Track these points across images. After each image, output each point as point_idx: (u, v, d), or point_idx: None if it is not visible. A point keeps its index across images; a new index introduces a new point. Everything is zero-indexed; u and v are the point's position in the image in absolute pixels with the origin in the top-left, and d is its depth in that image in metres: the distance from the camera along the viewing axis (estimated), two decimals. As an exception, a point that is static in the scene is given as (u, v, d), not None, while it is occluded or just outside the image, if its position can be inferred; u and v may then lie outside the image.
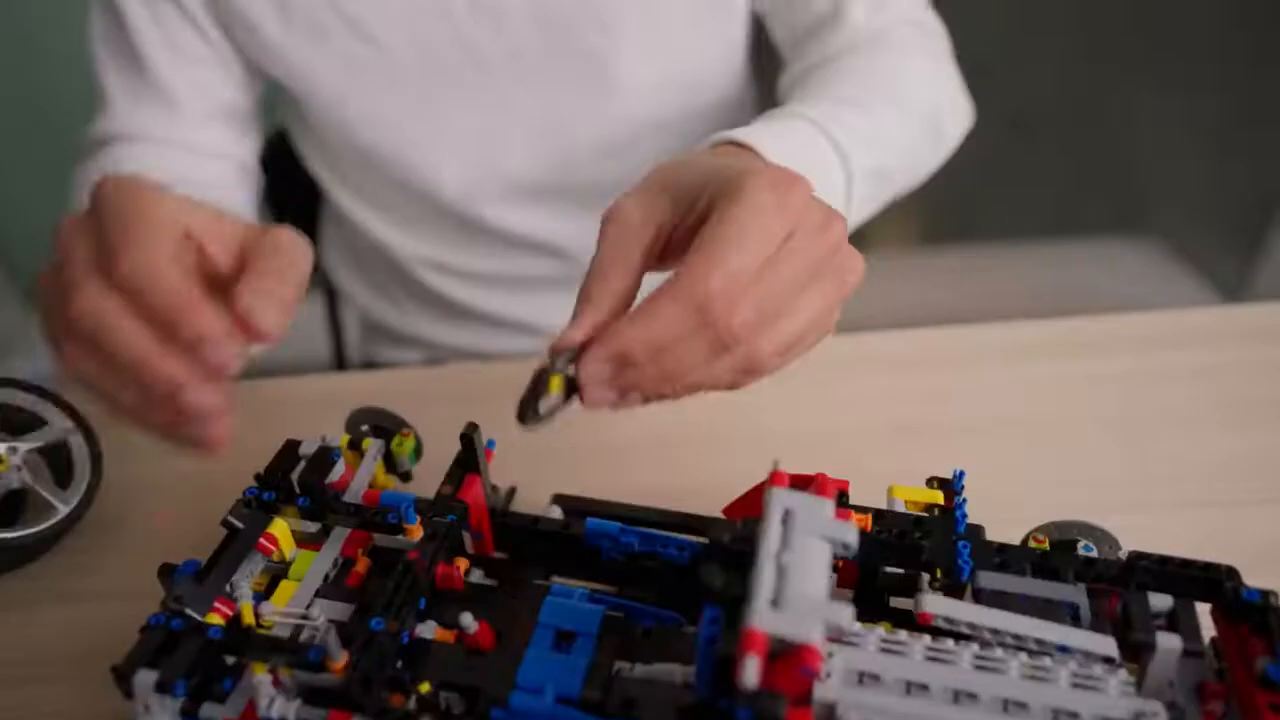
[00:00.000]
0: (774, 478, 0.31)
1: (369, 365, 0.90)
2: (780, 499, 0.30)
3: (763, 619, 0.27)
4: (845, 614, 0.27)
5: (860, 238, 0.37)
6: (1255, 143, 1.62)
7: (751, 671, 0.26)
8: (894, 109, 0.55)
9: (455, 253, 0.75)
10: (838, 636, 0.32)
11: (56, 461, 0.46)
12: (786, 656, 0.27)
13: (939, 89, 0.61)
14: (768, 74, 0.70)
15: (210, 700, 0.33)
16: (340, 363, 1.01)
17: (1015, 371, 0.59)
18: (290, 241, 0.33)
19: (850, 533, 0.30)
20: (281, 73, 0.65)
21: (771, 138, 0.44)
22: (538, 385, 0.32)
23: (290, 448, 0.41)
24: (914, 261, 1.88)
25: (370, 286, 0.84)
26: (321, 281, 0.92)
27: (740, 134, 0.44)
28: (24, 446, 0.45)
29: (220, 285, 0.32)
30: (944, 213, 1.88)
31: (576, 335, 0.32)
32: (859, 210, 0.52)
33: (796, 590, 0.28)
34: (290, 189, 0.82)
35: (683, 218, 0.34)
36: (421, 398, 0.51)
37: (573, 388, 0.32)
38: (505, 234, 0.72)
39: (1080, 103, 1.71)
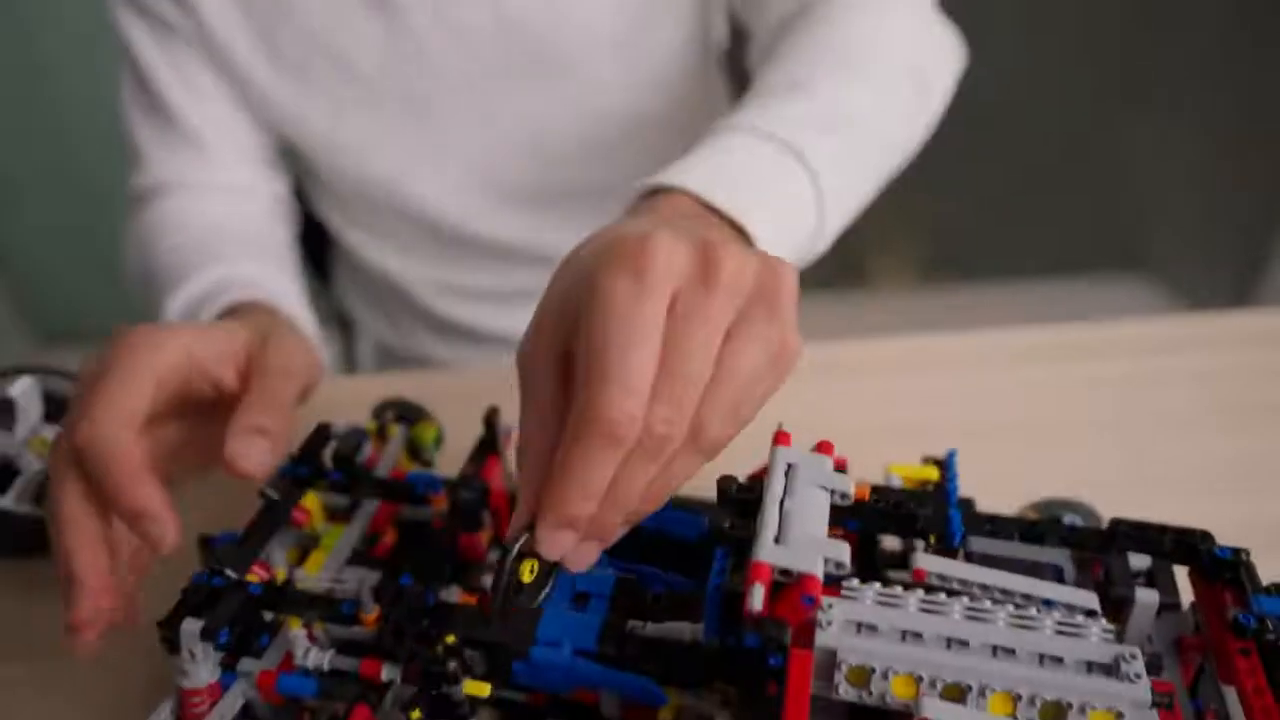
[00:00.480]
0: (778, 437, 0.34)
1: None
2: (784, 455, 0.33)
3: (768, 553, 0.29)
4: (844, 551, 0.30)
5: (860, 276, 0.39)
6: (1253, 178, 1.66)
7: (758, 597, 0.28)
8: (854, 78, 0.51)
9: (458, 272, 0.77)
10: (837, 591, 0.34)
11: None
12: (789, 589, 0.29)
13: (913, 44, 0.56)
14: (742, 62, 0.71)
15: (248, 655, 0.36)
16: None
17: (1013, 376, 0.61)
18: (278, 358, 0.39)
19: (848, 483, 0.32)
20: (274, 117, 0.67)
21: (704, 168, 0.42)
22: (509, 578, 0.30)
23: (322, 429, 0.44)
24: (914, 300, 1.92)
25: (382, 316, 0.87)
26: (336, 315, 0.95)
27: (667, 177, 0.41)
28: (68, 432, 0.48)
29: (230, 402, 0.37)
30: (943, 252, 1.92)
31: (521, 521, 0.31)
32: (843, 198, 0.48)
33: (798, 530, 0.30)
34: (307, 223, 0.86)
35: (576, 331, 0.31)
36: (441, 396, 0.53)
37: (547, 563, 0.31)
38: (501, 247, 0.74)
39: (1080, 141, 1.75)
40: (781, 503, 0.31)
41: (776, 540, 0.30)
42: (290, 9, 0.63)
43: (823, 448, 0.34)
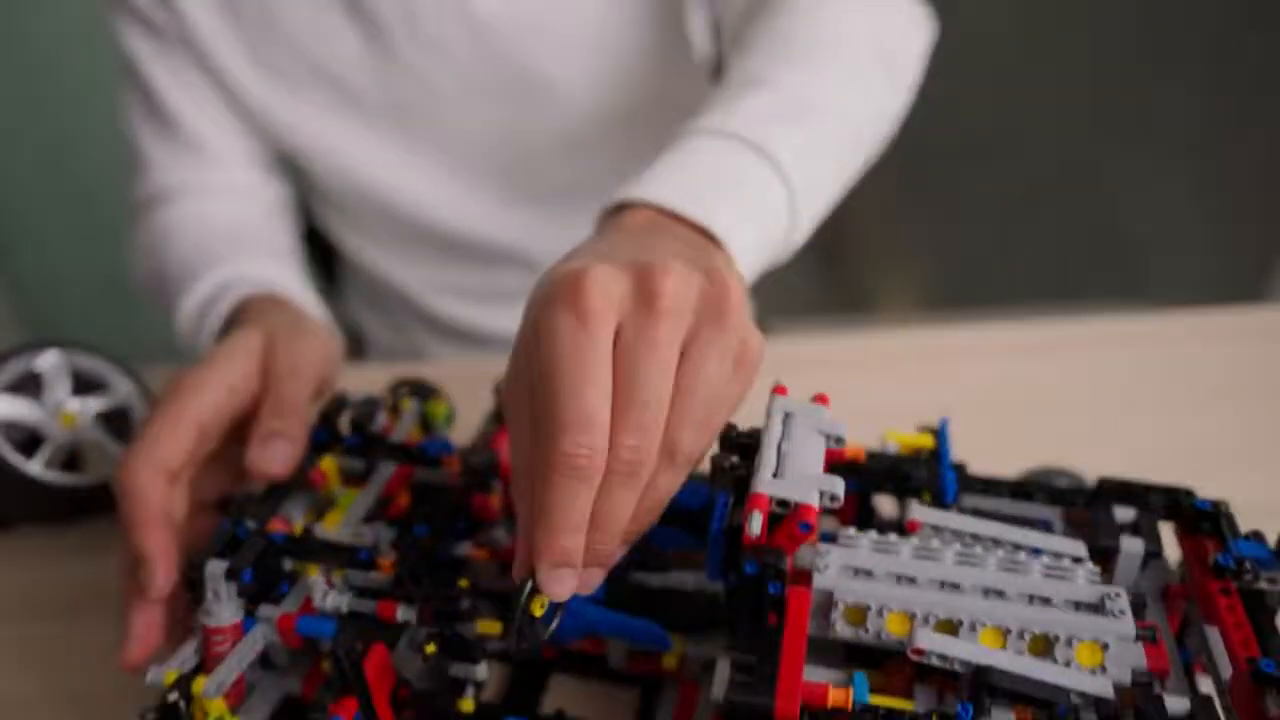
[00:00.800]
0: (776, 389, 0.36)
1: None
2: (781, 404, 0.35)
3: (765, 485, 0.31)
4: (838, 485, 0.31)
5: (866, 305, 0.39)
6: (1255, 209, 1.69)
7: (756, 523, 0.30)
8: (818, 66, 0.51)
9: (455, 273, 0.79)
10: (834, 538, 0.36)
11: (120, 426, 0.51)
12: (786, 520, 0.31)
13: (876, 24, 0.55)
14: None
15: (268, 602, 0.37)
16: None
17: (1011, 365, 0.62)
18: (286, 360, 0.43)
19: (842, 428, 0.34)
20: (266, 124, 0.69)
21: (666, 178, 0.42)
22: (523, 616, 0.31)
23: (338, 399, 0.45)
24: (917, 330, 1.93)
25: (389, 326, 0.88)
26: (347, 331, 0.97)
27: (629, 191, 0.41)
28: (92, 406, 0.49)
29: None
30: (947, 282, 1.94)
31: (523, 561, 0.32)
32: (815, 188, 0.48)
33: (795, 468, 0.32)
34: (314, 240, 0.87)
35: None
36: (451, 380, 0.55)
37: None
38: (494, 249, 0.75)
39: (1081, 172, 1.78)
40: (779, 446, 0.33)
41: (774, 476, 0.31)
42: (277, 20, 0.65)
43: (819, 399, 0.36)
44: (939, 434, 0.42)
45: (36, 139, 1.52)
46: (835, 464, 0.41)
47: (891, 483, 0.41)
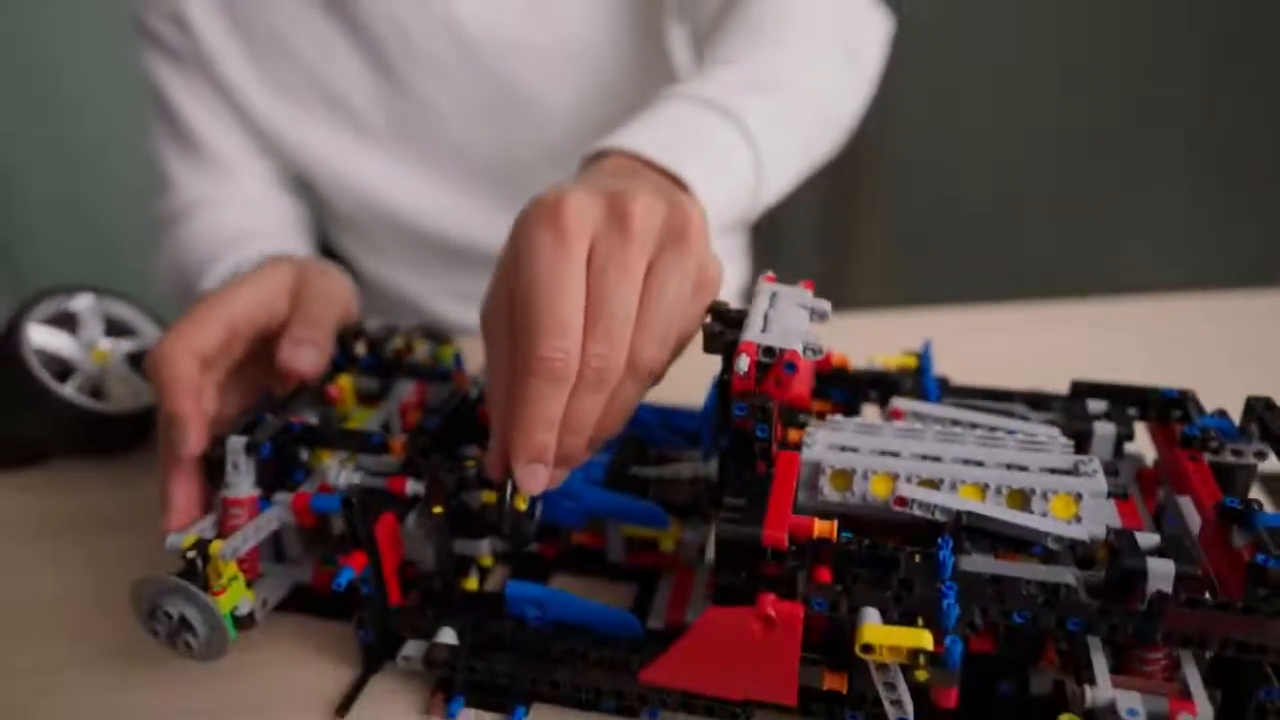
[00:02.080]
0: (765, 278, 0.38)
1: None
2: (768, 286, 0.37)
3: (753, 334, 0.33)
4: (819, 341, 0.34)
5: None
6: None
7: (744, 363, 0.32)
8: (782, 46, 0.55)
9: (463, 280, 0.81)
10: (821, 422, 0.38)
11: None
12: (772, 370, 0.33)
13: (837, 15, 0.60)
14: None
15: (283, 490, 0.39)
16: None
17: (1012, 339, 0.64)
18: (317, 286, 0.45)
19: (825, 305, 0.36)
20: (276, 143, 0.73)
21: (643, 130, 0.45)
22: (509, 509, 0.35)
23: (354, 327, 0.48)
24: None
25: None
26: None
27: (608, 140, 0.45)
28: (122, 347, 0.52)
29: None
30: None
31: (498, 453, 0.34)
32: (780, 155, 0.52)
33: (780, 326, 0.34)
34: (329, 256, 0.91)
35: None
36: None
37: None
38: (488, 255, 0.79)
39: (1078, 258, 1.82)
40: (766, 314, 0.35)
41: (761, 330, 0.34)
42: (285, 42, 0.70)
43: (805, 285, 0.38)
44: (922, 355, 0.45)
45: (37, 132, 1.57)
46: (824, 371, 0.44)
47: (877, 391, 0.43)
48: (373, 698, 0.36)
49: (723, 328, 0.35)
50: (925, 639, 0.28)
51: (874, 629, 0.29)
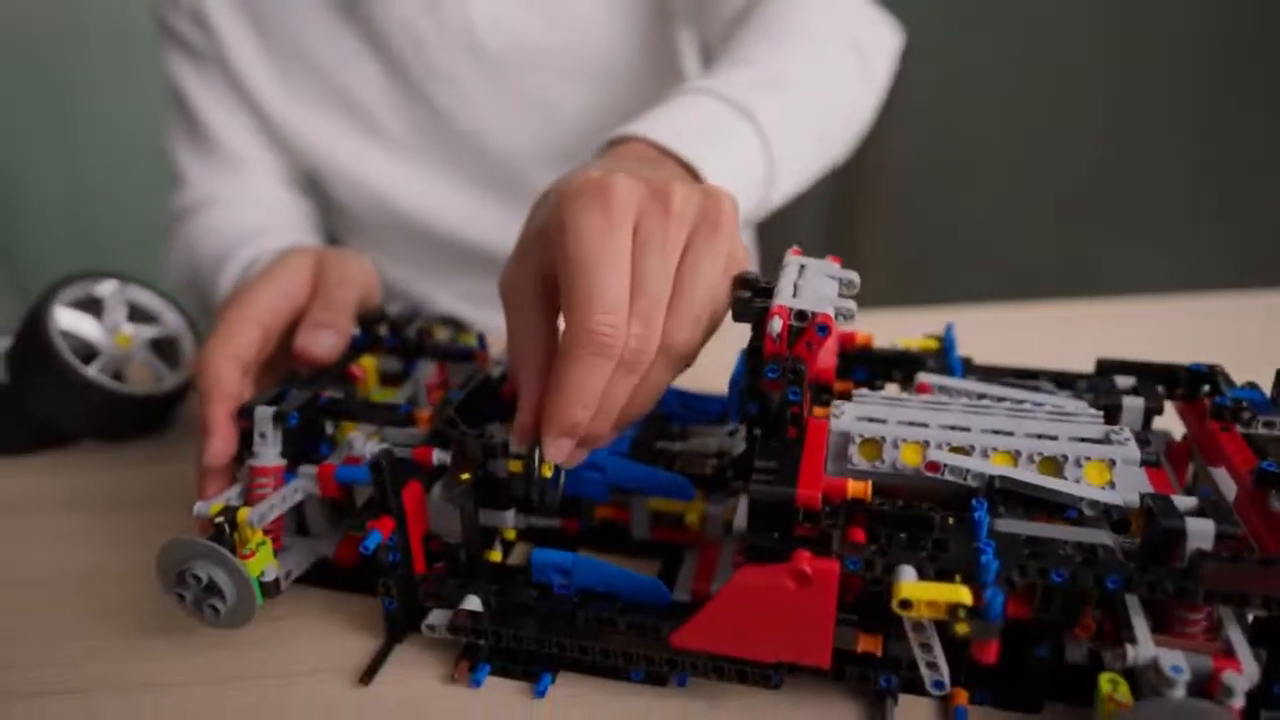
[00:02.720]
0: (792, 250, 0.38)
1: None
2: (796, 259, 0.37)
3: (784, 299, 0.33)
4: (852, 307, 0.34)
5: None
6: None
7: (777, 326, 0.32)
8: (794, 49, 0.56)
9: (475, 283, 0.82)
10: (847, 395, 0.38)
11: (169, 354, 0.54)
12: (804, 334, 0.33)
13: (847, 23, 0.62)
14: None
15: (308, 463, 0.39)
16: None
17: (1019, 342, 0.64)
18: (335, 270, 0.45)
19: (853, 274, 0.36)
20: (291, 144, 0.74)
21: (661, 120, 0.46)
22: (536, 475, 0.35)
23: (378, 309, 0.48)
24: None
25: None
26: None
27: (628, 128, 0.46)
28: (145, 333, 0.52)
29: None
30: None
31: (526, 420, 0.35)
32: (792, 153, 0.52)
33: (811, 292, 0.34)
34: None
35: (552, 257, 0.34)
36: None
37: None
38: (500, 258, 0.79)
39: (1081, 260, 1.83)
40: (795, 283, 0.35)
41: (793, 295, 0.34)
42: (304, 46, 0.71)
43: (832, 259, 0.38)
44: (946, 335, 0.45)
45: (40, 133, 1.59)
46: (848, 349, 0.43)
47: (901, 370, 0.43)
48: (397, 666, 0.35)
49: (753, 295, 0.35)
50: (964, 594, 0.28)
51: (911, 585, 0.28)
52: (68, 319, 0.49)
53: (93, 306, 0.51)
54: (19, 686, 0.35)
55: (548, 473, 0.35)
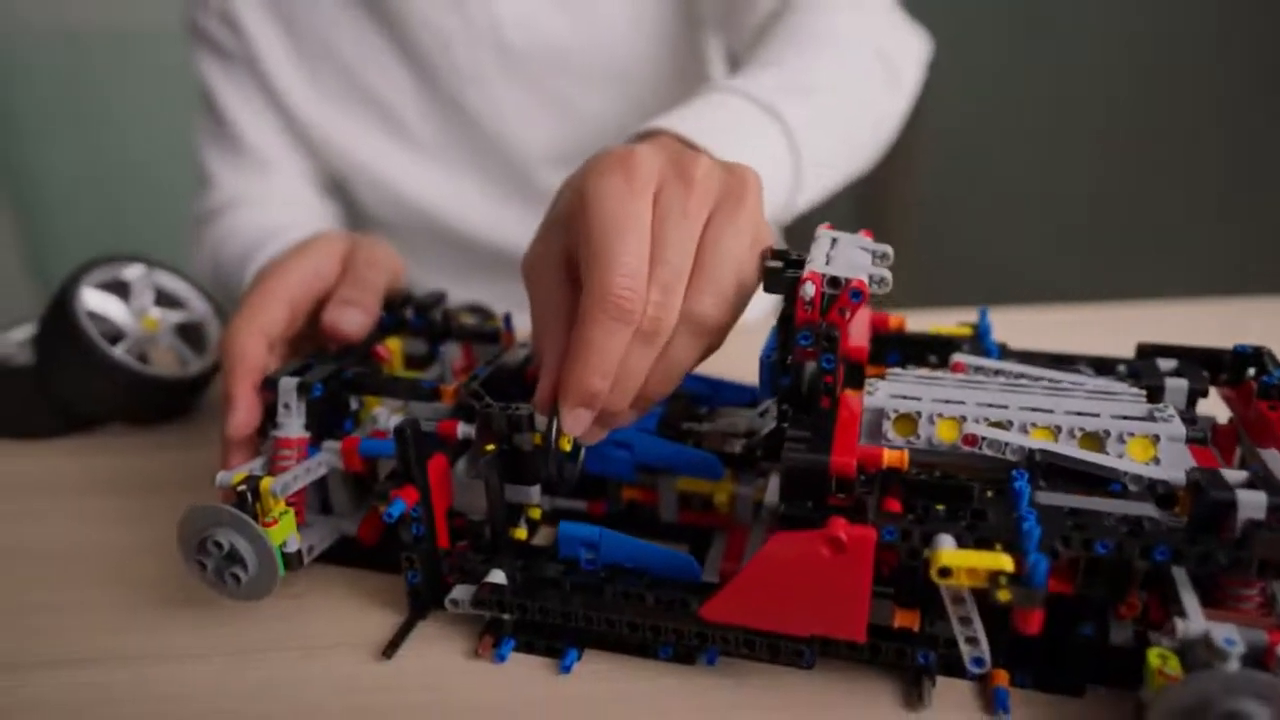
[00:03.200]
0: (824, 227, 0.38)
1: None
2: (827, 234, 0.37)
3: (818, 265, 0.32)
4: (887, 274, 0.33)
5: None
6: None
7: (810, 290, 0.31)
8: (822, 54, 0.56)
9: (504, 288, 0.82)
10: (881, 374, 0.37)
11: (195, 339, 0.54)
12: (837, 301, 0.32)
13: (875, 31, 0.62)
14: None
15: (331, 438, 0.38)
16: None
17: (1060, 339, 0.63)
18: (364, 253, 0.45)
19: (886, 247, 0.36)
20: (319, 147, 0.75)
21: (688, 116, 0.46)
22: (555, 448, 0.34)
23: (404, 293, 0.48)
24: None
25: None
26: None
27: (654, 122, 0.46)
28: (171, 317, 0.52)
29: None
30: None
31: (546, 391, 0.34)
32: (819, 158, 0.52)
33: (844, 261, 0.34)
34: None
35: (576, 236, 0.34)
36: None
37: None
38: (512, 257, 0.80)
39: (1096, 264, 1.82)
40: (828, 253, 0.35)
41: (825, 263, 0.33)
42: (332, 47, 0.72)
43: (864, 233, 0.38)
44: (980, 321, 0.44)
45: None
46: (881, 332, 0.43)
47: (935, 354, 0.42)
48: (419, 641, 0.35)
49: (784, 266, 0.35)
50: (1006, 560, 0.27)
51: (951, 552, 0.27)
52: (95, 300, 0.49)
53: (120, 290, 0.51)
54: (37, 657, 0.35)
55: (567, 446, 0.35)
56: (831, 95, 0.55)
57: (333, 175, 0.78)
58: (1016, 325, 0.65)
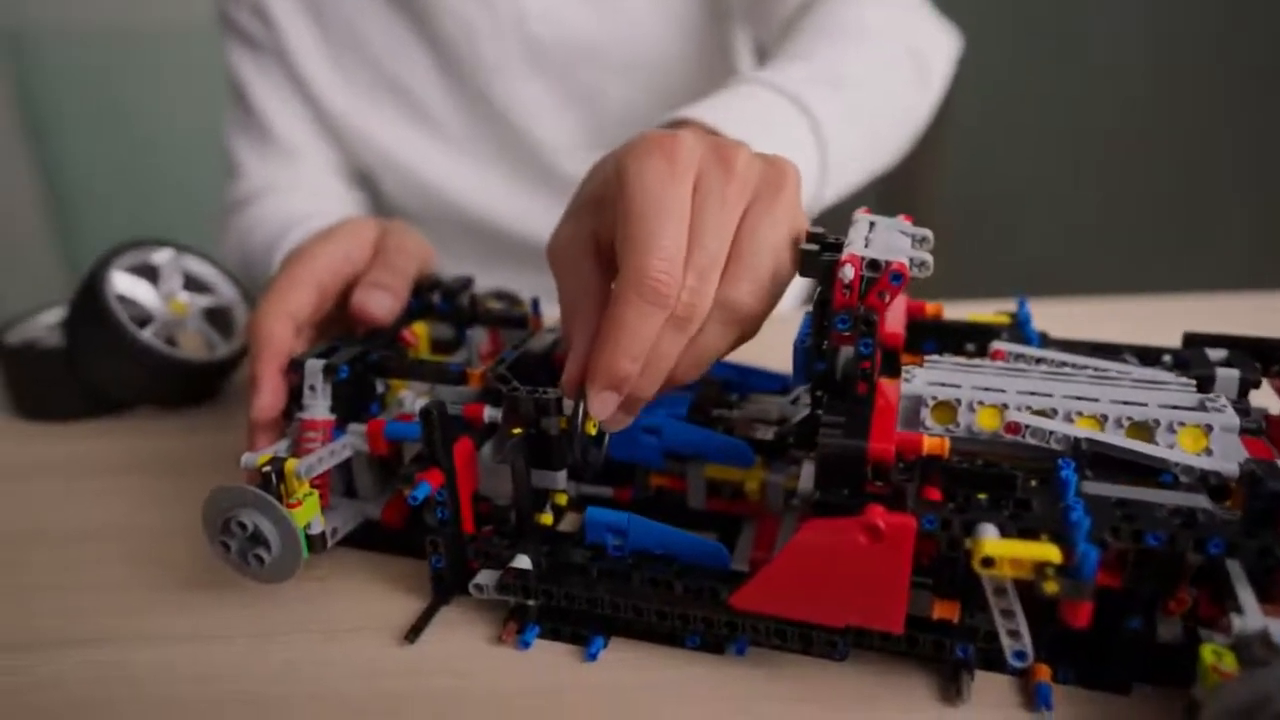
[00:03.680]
0: (862, 211, 0.37)
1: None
2: (865, 217, 0.36)
3: (857, 248, 0.31)
4: (928, 258, 0.32)
5: None
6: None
7: (849, 272, 0.30)
8: (851, 48, 0.56)
9: (531, 279, 0.82)
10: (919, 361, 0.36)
11: (223, 324, 0.54)
12: (876, 284, 0.31)
13: (904, 26, 0.62)
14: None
15: (357, 422, 0.38)
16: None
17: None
18: (394, 239, 0.45)
19: (926, 231, 0.35)
20: (345, 136, 0.75)
21: (717, 106, 0.46)
22: (580, 432, 0.33)
23: (432, 278, 0.47)
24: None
25: None
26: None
27: (683, 112, 0.46)
28: (200, 302, 0.52)
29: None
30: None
31: (574, 373, 0.33)
32: (846, 151, 0.52)
33: (883, 242, 0.33)
34: None
35: (609, 219, 0.34)
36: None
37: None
38: (536, 248, 0.79)
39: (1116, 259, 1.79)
40: (866, 236, 0.34)
41: (865, 245, 0.32)
42: (360, 37, 0.72)
43: (904, 217, 0.37)
44: (1019, 309, 0.43)
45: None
46: (918, 319, 0.42)
47: (974, 342, 0.41)
48: (442, 626, 0.34)
49: (821, 249, 0.34)
50: (1052, 551, 0.26)
51: (995, 541, 0.26)
52: (125, 284, 0.49)
53: (149, 274, 0.51)
54: (61, 636, 0.35)
55: (592, 431, 0.34)
56: (860, 89, 0.55)
57: (360, 166, 0.78)
58: (1051, 317, 0.63)
